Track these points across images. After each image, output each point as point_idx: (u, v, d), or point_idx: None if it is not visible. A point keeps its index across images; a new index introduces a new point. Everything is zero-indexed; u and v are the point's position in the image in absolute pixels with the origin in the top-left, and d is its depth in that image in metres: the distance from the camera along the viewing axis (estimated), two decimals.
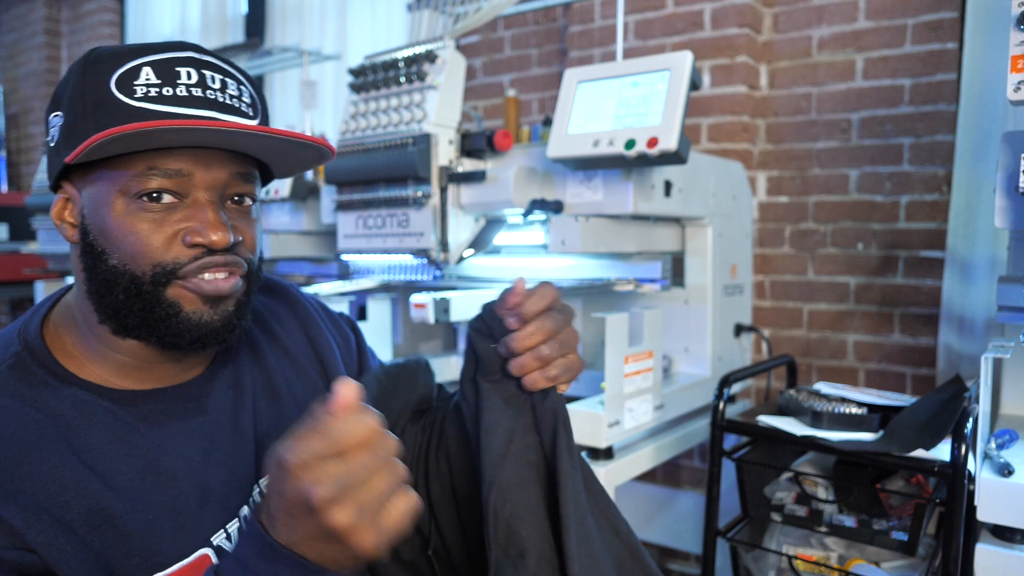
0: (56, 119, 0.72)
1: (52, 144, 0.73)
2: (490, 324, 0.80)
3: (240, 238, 0.74)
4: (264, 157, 0.78)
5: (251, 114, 0.76)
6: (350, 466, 0.54)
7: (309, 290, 1.77)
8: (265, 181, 0.83)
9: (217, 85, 0.72)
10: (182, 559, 0.70)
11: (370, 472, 0.54)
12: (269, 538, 0.56)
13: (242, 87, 0.75)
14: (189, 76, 0.70)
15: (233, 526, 0.75)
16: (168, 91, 0.69)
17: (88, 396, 0.71)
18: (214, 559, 0.72)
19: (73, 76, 0.71)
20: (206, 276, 0.72)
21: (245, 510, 0.77)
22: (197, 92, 0.70)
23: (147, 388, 0.76)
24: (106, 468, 0.69)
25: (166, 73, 0.70)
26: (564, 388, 0.80)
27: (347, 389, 0.55)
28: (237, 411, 0.81)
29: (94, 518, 0.66)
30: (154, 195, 0.69)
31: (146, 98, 0.68)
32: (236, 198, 0.75)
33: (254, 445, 0.81)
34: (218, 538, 0.73)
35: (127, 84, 0.69)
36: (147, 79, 0.69)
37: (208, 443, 0.77)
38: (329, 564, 0.56)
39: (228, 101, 0.73)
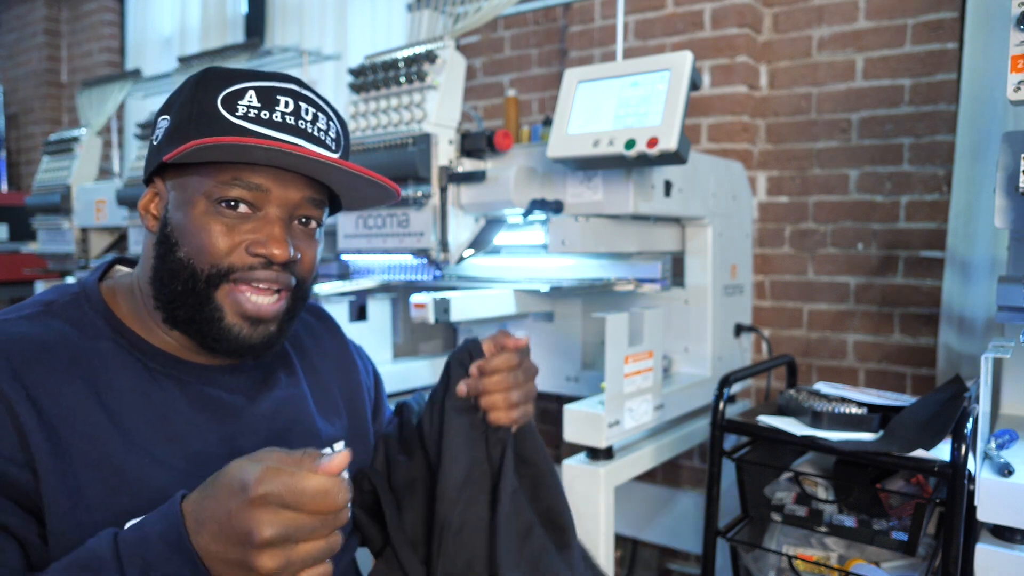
0: (163, 121, 0.81)
1: (155, 143, 0.82)
2: (472, 358, 0.91)
3: (299, 256, 0.82)
4: (336, 187, 0.86)
5: (333, 148, 0.84)
6: (301, 522, 0.57)
7: None
8: (334, 210, 0.91)
9: (309, 117, 0.80)
10: None
11: (315, 535, 0.58)
12: (184, 532, 0.59)
13: (330, 123, 0.84)
14: (287, 105, 0.79)
15: None
16: (265, 114, 0.77)
17: (126, 344, 0.79)
18: None
19: (187, 87, 0.80)
20: (250, 296, 0.78)
21: None
22: (290, 120, 0.79)
23: (180, 356, 0.82)
24: (118, 408, 0.74)
25: (267, 98, 0.78)
26: (514, 427, 0.92)
27: (341, 459, 0.59)
28: (256, 401, 0.86)
29: (92, 450, 0.71)
30: (232, 203, 0.77)
31: (245, 117, 0.77)
32: (303, 220, 0.83)
33: (266, 433, 0.85)
34: None
35: (232, 102, 0.77)
36: (249, 101, 0.78)
37: (216, 417, 0.82)
38: None
39: (315, 132, 0.81)
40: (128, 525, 0.70)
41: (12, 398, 0.68)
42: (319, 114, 0.82)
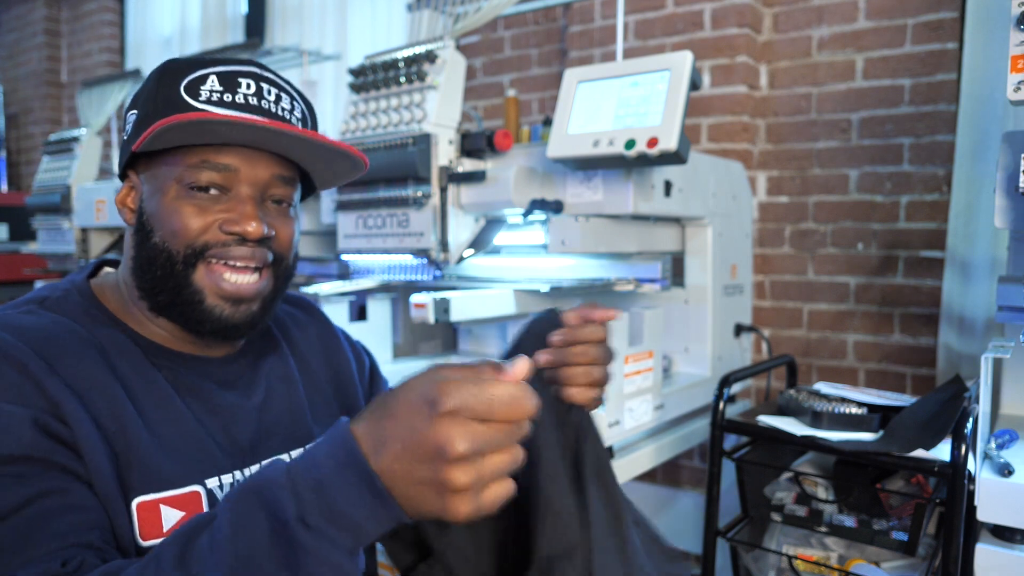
0: (132, 115, 0.83)
1: (125, 137, 0.83)
2: (548, 331, 0.84)
3: (273, 233, 0.82)
4: (305, 164, 0.86)
5: (299, 127, 0.84)
6: (492, 434, 0.54)
7: (309, 290, 1.77)
8: (307, 192, 0.92)
9: (272, 97, 0.82)
10: (174, 488, 0.75)
11: (502, 447, 0.55)
12: (359, 451, 0.55)
13: (295, 103, 0.85)
14: (248, 87, 0.80)
15: (227, 478, 0.80)
16: (228, 97, 0.79)
17: (122, 336, 0.80)
18: (204, 498, 0.76)
19: (151, 80, 0.81)
20: (228, 276, 0.79)
21: (238, 474, 0.82)
22: (253, 101, 0.80)
23: (172, 348, 0.83)
24: (130, 387, 0.76)
25: (229, 82, 0.79)
26: (588, 409, 0.87)
27: (524, 364, 0.57)
28: (249, 390, 0.87)
29: (112, 423, 0.72)
30: (203, 186, 0.78)
31: (209, 101, 0.78)
32: (276, 199, 0.83)
33: (257, 424, 0.86)
34: (212, 483, 0.78)
35: (194, 88, 0.78)
36: (212, 85, 0.79)
37: (208, 408, 0.82)
38: (405, 507, 0.55)
39: (279, 112, 0.82)
40: (143, 499, 0.71)
41: (38, 373, 0.69)
42: (282, 94, 0.83)
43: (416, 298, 1.53)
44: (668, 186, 1.61)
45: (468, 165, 1.65)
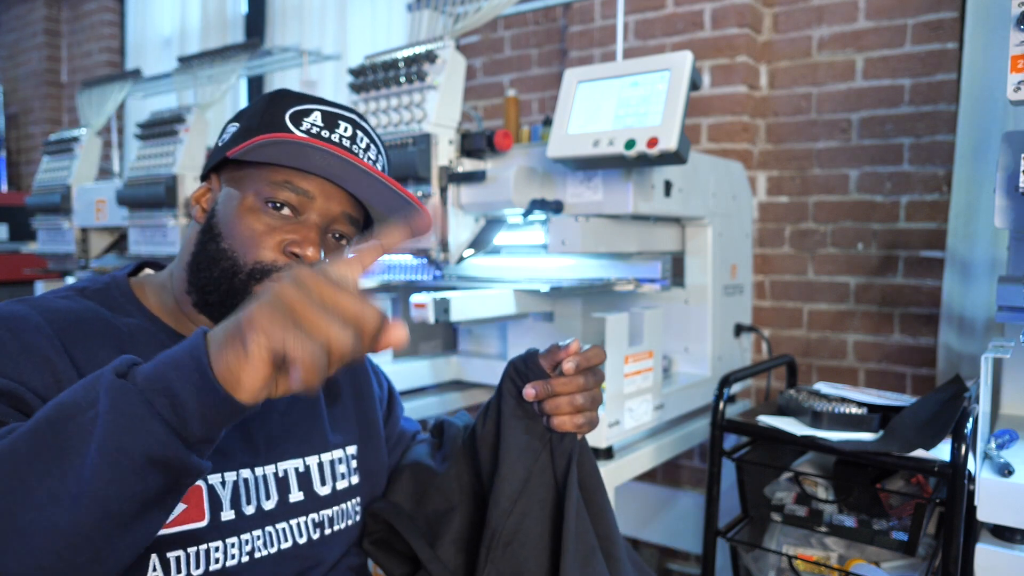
0: (232, 126, 0.89)
1: (220, 144, 0.89)
2: (529, 368, 0.89)
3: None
4: (374, 211, 0.90)
5: None
6: (326, 299, 0.57)
7: None
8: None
9: (363, 145, 0.88)
10: None
11: (328, 318, 0.57)
12: (199, 338, 0.59)
13: (379, 155, 0.91)
14: (346, 130, 0.87)
15: (230, 476, 0.83)
16: (326, 134, 0.85)
17: (151, 327, 0.84)
18: (205, 492, 0.80)
19: (261, 100, 0.88)
20: None
21: (246, 472, 0.84)
22: (346, 143, 0.86)
23: None
24: None
25: (330, 121, 0.86)
26: (580, 436, 0.91)
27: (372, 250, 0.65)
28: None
29: None
30: (278, 205, 0.83)
31: (308, 132, 0.84)
32: (337, 235, 0.87)
33: (275, 425, 0.88)
34: (213, 479, 0.81)
35: (298, 118, 0.85)
36: (314, 120, 0.86)
37: None
38: (227, 368, 0.57)
39: (366, 159, 0.88)
40: None
41: (51, 354, 0.72)
42: (372, 145, 0.89)
43: (416, 298, 1.53)
44: (668, 186, 1.61)
45: (468, 165, 1.65)
